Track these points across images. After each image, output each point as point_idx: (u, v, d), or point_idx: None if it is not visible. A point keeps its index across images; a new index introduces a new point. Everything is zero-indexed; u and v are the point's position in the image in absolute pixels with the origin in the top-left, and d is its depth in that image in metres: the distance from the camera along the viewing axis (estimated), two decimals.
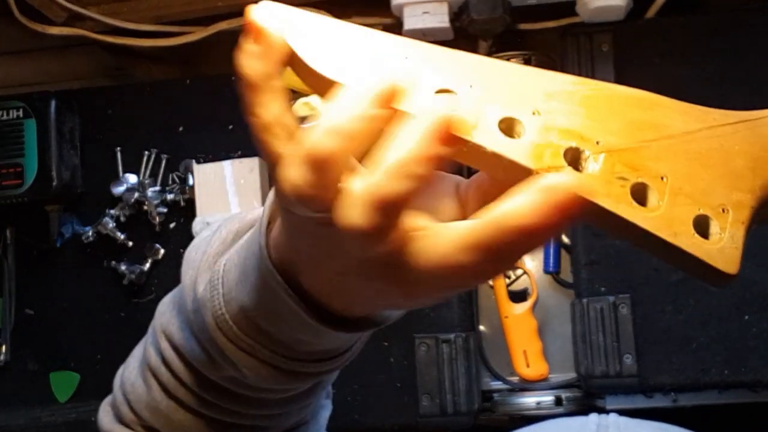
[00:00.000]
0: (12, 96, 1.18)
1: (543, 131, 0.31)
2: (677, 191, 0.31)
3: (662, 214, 0.30)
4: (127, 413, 0.54)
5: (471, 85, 0.32)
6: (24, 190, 1.15)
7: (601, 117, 0.32)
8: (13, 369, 1.20)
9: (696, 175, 0.32)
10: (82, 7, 1.16)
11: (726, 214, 0.32)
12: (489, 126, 0.31)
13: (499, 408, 1.11)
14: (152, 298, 1.18)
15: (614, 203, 0.30)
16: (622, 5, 1.06)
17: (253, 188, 1.13)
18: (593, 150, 0.31)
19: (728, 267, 0.31)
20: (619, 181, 0.30)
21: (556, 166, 0.30)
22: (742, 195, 0.32)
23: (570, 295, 1.10)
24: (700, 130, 0.34)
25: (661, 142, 0.32)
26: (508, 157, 0.30)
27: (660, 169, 0.31)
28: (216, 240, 0.46)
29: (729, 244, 0.31)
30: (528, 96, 0.32)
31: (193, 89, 1.22)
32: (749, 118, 0.35)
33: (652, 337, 1.04)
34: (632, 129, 0.32)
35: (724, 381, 1.02)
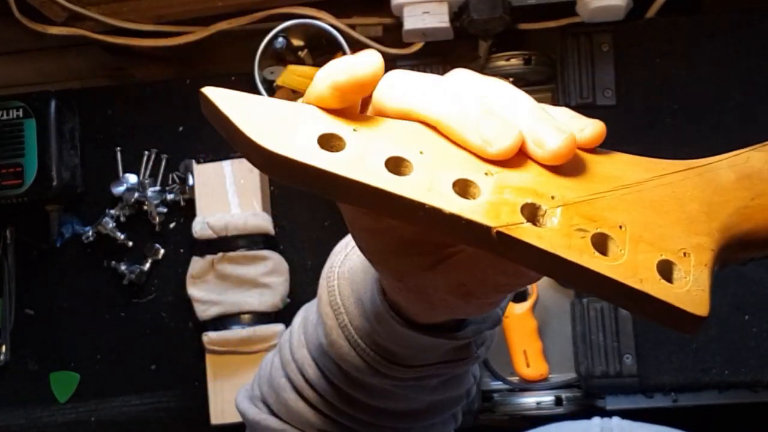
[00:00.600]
0: (12, 96, 1.18)
1: (497, 190, 0.31)
2: (637, 239, 0.31)
3: (626, 262, 0.30)
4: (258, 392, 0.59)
5: (421, 152, 0.32)
6: (24, 190, 1.15)
7: (552, 173, 0.33)
8: (13, 369, 1.20)
9: (653, 222, 0.32)
10: (82, 7, 1.16)
11: (688, 258, 0.32)
12: (443, 189, 0.31)
13: (499, 408, 1.11)
14: (152, 298, 1.18)
15: (577, 255, 0.30)
16: (622, 5, 1.06)
17: (253, 188, 1.13)
18: (549, 204, 0.31)
19: (697, 309, 0.30)
20: (579, 233, 0.31)
21: (515, 223, 0.30)
22: (700, 238, 0.32)
23: (570, 295, 1.10)
24: (651, 179, 0.34)
25: (614, 192, 0.33)
26: (466, 217, 0.30)
27: (617, 218, 0.32)
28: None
29: (695, 286, 0.31)
30: (479, 158, 0.33)
31: (193, 89, 1.22)
32: (697, 165, 0.35)
33: (652, 337, 1.04)
34: (584, 182, 0.33)
35: (724, 381, 1.02)
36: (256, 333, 1.09)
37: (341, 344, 0.48)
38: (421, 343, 0.44)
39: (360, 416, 0.53)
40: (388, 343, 0.46)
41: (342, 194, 0.31)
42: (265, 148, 0.31)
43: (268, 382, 0.57)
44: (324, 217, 1.16)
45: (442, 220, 0.31)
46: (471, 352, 0.48)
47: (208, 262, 1.12)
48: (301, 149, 0.31)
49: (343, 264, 0.50)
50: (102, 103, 1.23)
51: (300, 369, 0.54)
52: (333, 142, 0.32)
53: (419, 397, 0.53)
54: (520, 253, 0.30)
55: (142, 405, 1.16)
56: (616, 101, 1.10)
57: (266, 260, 1.12)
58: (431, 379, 0.50)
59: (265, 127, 0.32)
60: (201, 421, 1.12)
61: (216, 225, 1.10)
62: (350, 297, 0.48)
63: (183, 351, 1.16)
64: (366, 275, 0.46)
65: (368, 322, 0.46)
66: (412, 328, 0.43)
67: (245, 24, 1.19)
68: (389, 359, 0.47)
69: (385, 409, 0.53)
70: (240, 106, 0.33)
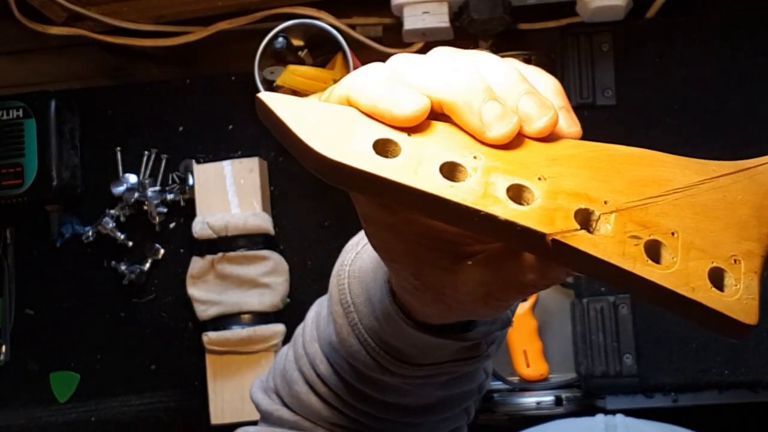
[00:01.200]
0: (12, 96, 1.18)
1: (551, 196, 0.32)
2: (689, 246, 0.31)
3: (678, 270, 0.30)
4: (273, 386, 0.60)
5: (475, 156, 0.33)
6: (24, 190, 1.15)
7: (605, 177, 0.33)
8: (13, 369, 1.20)
9: (704, 228, 0.32)
10: (82, 7, 1.16)
11: (738, 265, 0.32)
12: (498, 194, 0.31)
13: (499, 408, 1.11)
14: (152, 298, 1.18)
15: (631, 263, 0.30)
16: (622, 5, 1.06)
17: (253, 188, 1.13)
18: (602, 210, 0.32)
19: (747, 318, 0.30)
20: (632, 240, 0.31)
21: (569, 229, 0.31)
22: (750, 244, 0.32)
23: (570, 295, 1.10)
24: (702, 182, 0.34)
25: (666, 197, 0.33)
26: (521, 224, 0.31)
27: (669, 224, 0.32)
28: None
29: (745, 294, 0.31)
30: (531, 163, 0.33)
31: (193, 89, 1.22)
32: (747, 167, 0.35)
33: (652, 337, 1.04)
34: (636, 186, 0.33)
35: (724, 381, 1.02)
36: (256, 333, 1.08)
37: (351, 342, 0.48)
38: (431, 343, 0.44)
39: (371, 411, 0.53)
40: (397, 342, 0.46)
41: (397, 199, 0.32)
42: (322, 154, 0.31)
43: (281, 374, 0.57)
44: (324, 217, 1.16)
45: (496, 226, 0.31)
46: (481, 350, 0.48)
47: (208, 262, 1.12)
48: (357, 155, 0.31)
49: (353, 262, 0.50)
50: (102, 103, 1.23)
51: (312, 363, 0.54)
52: (388, 147, 0.33)
53: (430, 393, 0.53)
54: (573, 260, 0.31)
55: (142, 405, 1.16)
56: (616, 101, 1.10)
57: (266, 260, 1.12)
58: (441, 377, 0.50)
59: (322, 133, 0.32)
60: (201, 421, 1.12)
61: (216, 225, 1.10)
62: (360, 296, 0.48)
63: (183, 351, 1.16)
64: (376, 275, 0.46)
65: (377, 321, 0.46)
66: (421, 329, 0.43)
67: (245, 24, 1.19)
68: (399, 358, 0.47)
69: (396, 404, 0.53)
70: (296, 110, 0.33)
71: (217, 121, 1.19)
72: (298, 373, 0.55)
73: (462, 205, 0.31)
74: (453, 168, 0.32)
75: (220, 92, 1.20)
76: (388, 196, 0.32)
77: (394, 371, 0.48)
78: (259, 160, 1.14)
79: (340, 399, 0.54)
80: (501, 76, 0.35)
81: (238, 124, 1.19)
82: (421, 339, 0.44)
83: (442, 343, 0.44)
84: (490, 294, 0.37)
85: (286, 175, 1.17)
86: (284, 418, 0.56)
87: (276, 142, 1.21)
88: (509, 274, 0.35)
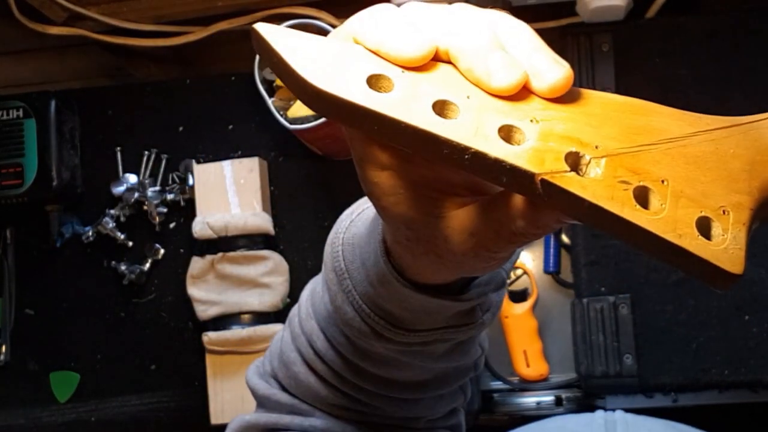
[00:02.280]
0: (12, 96, 1.18)
1: (542, 137, 0.32)
2: (678, 194, 0.31)
3: (666, 217, 0.30)
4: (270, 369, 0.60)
5: (468, 96, 0.33)
6: (24, 190, 1.15)
7: (599, 123, 0.33)
8: (13, 369, 1.20)
9: (695, 178, 0.32)
10: (82, 7, 1.16)
11: (727, 216, 0.32)
12: (489, 134, 0.31)
13: (499, 408, 1.11)
14: (152, 298, 1.18)
15: (619, 207, 0.30)
16: (622, 5, 1.06)
17: (253, 188, 1.13)
18: (593, 154, 0.32)
19: (733, 267, 0.31)
20: (621, 185, 0.31)
21: (559, 170, 0.31)
22: (740, 197, 0.33)
23: (570, 295, 1.10)
24: (695, 134, 0.34)
25: (658, 146, 0.33)
26: (510, 162, 0.31)
27: (660, 172, 0.32)
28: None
29: (732, 244, 0.31)
30: (525, 105, 0.33)
31: (193, 89, 1.22)
32: (741, 122, 0.35)
33: (652, 337, 1.04)
34: (629, 134, 0.33)
35: (724, 381, 1.02)
36: (256, 333, 1.08)
37: (346, 309, 0.48)
38: (425, 305, 0.44)
39: (369, 387, 0.53)
40: (392, 306, 0.46)
41: (387, 134, 0.32)
42: (314, 85, 0.32)
43: (278, 357, 0.57)
44: (324, 217, 1.16)
45: (486, 164, 0.31)
46: (476, 317, 0.48)
47: (208, 262, 1.12)
48: (350, 88, 0.32)
49: (348, 230, 0.50)
50: (102, 103, 1.23)
51: (309, 341, 0.54)
52: (382, 83, 0.33)
53: (426, 365, 0.52)
54: (562, 202, 0.31)
55: (142, 405, 1.16)
56: None
57: (266, 260, 1.12)
58: (437, 345, 0.49)
59: (316, 65, 0.32)
60: (201, 421, 1.12)
61: (216, 225, 1.10)
62: (354, 262, 0.48)
63: (183, 351, 1.16)
64: (370, 239, 0.46)
65: (372, 286, 0.46)
66: (415, 289, 0.43)
67: (245, 24, 1.19)
68: (393, 323, 0.47)
69: (392, 379, 0.53)
70: (291, 43, 0.34)
71: (217, 121, 1.19)
72: (295, 354, 0.55)
73: (452, 142, 0.31)
74: (445, 106, 0.33)
75: (220, 92, 1.20)
76: (380, 131, 0.32)
77: (389, 337, 0.47)
78: (259, 160, 1.14)
79: (338, 376, 0.53)
80: (514, 30, 0.35)
81: (238, 124, 1.19)
82: (416, 300, 0.44)
83: (436, 304, 0.44)
84: (480, 244, 0.37)
85: (286, 175, 1.17)
86: (282, 402, 0.56)
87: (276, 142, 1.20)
88: (499, 223, 0.35)
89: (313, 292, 0.56)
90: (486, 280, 0.47)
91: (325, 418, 0.55)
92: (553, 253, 1.12)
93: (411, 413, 0.56)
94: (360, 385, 0.53)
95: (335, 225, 0.52)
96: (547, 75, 0.33)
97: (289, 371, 0.55)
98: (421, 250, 0.39)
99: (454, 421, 0.62)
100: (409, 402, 0.55)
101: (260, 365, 0.60)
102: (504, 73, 0.33)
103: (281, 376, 0.57)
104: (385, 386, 0.53)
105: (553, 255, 1.12)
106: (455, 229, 0.37)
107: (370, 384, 0.53)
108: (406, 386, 0.54)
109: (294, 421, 0.55)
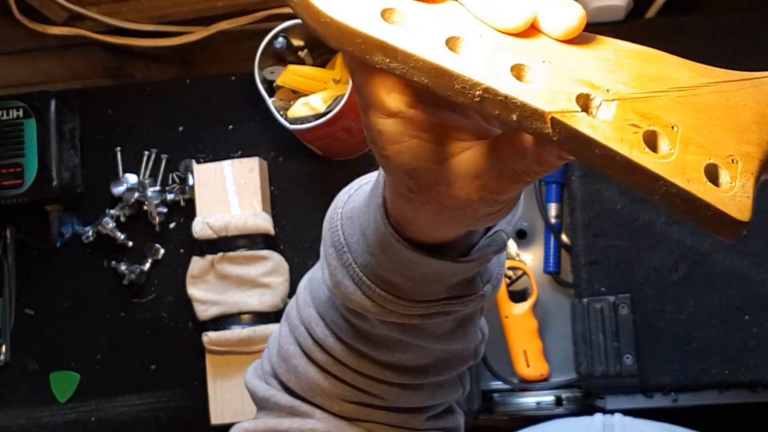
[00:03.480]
0: (12, 96, 1.18)
1: (554, 78, 0.32)
2: (687, 140, 0.31)
3: (674, 161, 0.30)
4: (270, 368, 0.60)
5: (481, 34, 0.33)
6: (24, 190, 1.15)
7: (611, 68, 0.33)
8: (13, 369, 1.20)
9: (705, 126, 0.32)
10: (82, 7, 1.16)
11: (735, 165, 0.32)
12: (500, 71, 0.32)
13: (499, 408, 1.11)
14: (152, 298, 1.18)
15: (628, 149, 0.30)
16: (622, 5, 1.06)
17: (253, 188, 1.13)
18: (604, 97, 0.32)
19: (740, 214, 0.30)
20: (631, 128, 0.31)
21: (569, 110, 0.31)
22: (749, 147, 0.33)
23: (570, 295, 1.10)
24: (707, 84, 0.34)
25: (669, 93, 0.33)
26: (520, 100, 0.31)
27: (670, 118, 0.32)
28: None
29: (740, 192, 0.31)
30: (538, 47, 0.33)
31: (193, 89, 1.22)
32: (753, 77, 0.36)
33: (652, 337, 1.04)
34: (641, 80, 0.33)
35: (724, 381, 1.02)
36: (256, 333, 1.09)
37: (346, 284, 0.48)
38: (426, 270, 0.44)
39: (369, 373, 0.53)
40: (393, 276, 0.46)
41: (398, 67, 0.32)
42: (328, 15, 0.32)
43: (277, 353, 0.57)
44: (324, 217, 1.15)
45: (496, 101, 0.31)
46: (477, 287, 0.48)
47: (208, 262, 1.12)
48: (364, 19, 0.32)
49: (346, 204, 0.50)
50: (102, 103, 1.23)
51: (308, 329, 0.54)
52: (395, 16, 0.33)
53: (426, 347, 0.52)
54: (571, 142, 0.31)
55: (142, 405, 1.16)
56: None
57: (266, 260, 1.12)
58: (438, 318, 0.49)
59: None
60: (201, 421, 1.12)
61: (216, 225, 1.10)
62: (354, 235, 0.48)
63: (183, 351, 1.16)
64: (369, 207, 0.46)
65: (372, 255, 0.46)
66: (416, 249, 0.43)
67: (245, 24, 1.19)
68: (394, 294, 0.46)
69: (392, 363, 0.53)
70: None
71: (218, 121, 1.19)
72: (294, 346, 0.55)
73: (463, 77, 0.31)
74: (458, 43, 0.33)
75: (220, 92, 1.20)
76: (392, 64, 0.32)
77: (390, 309, 0.47)
78: (259, 160, 1.15)
79: (337, 364, 0.53)
80: None
81: (239, 124, 1.19)
82: (417, 264, 0.43)
83: (438, 267, 0.44)
84: (484, 186, 0.37)
85: (286, 175, 1.17)
86: (281, 403, 0.56)
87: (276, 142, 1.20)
88: (502, 162, 0.35)
89: (311, 280, 0.56)
90: (486, 243, 0.47)
91: (324, 419, 0.55)
92: (553, 253, 1.12)
93: (412, 403, 0.56)
94: (360, 371, 0.53)
95: (333, 203, 0.52)
96: (560, 17, 0.34)
97: (289, 365, 0.55)
98: (423, 199, 0.39)
99: (453, 424, 0.61)
100: (410, 388, 0.55)
101: (258, 366, 0.60)
102: (509, 11, 0.33)
103: (280, 371, 0.56)
104: (384, 371, 0.53)
105: (553, 255, 1.12)
106: (459, 173, 0.37)
107: (370, 369, 0.53)
108: (407, 371, 0.54)
109: (293, 425, 0.55)
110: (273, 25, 1.10)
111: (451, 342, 0.53)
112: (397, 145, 0.37)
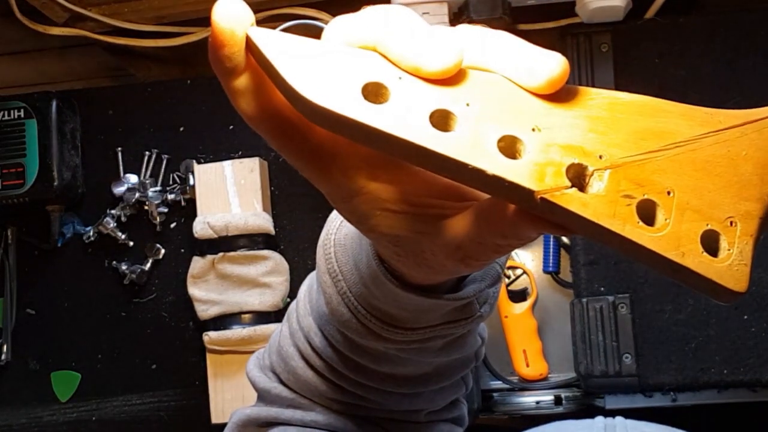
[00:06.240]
0: (13, 96, 1.18)
1: (544, 148, 0.31)
2: (684, 206, 0.31)
3: (669, 233, 0.30)
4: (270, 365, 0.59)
5: (468, 103, 0.31)
6: (25, 190, 1.15)
7: (604, 129, 0.32)
8: (14, 369, 1.20)
9: (703, 186, 0.31)
10: (83, 7, 1.16)
11: (734, 228, 0.31)
12: (488, 147, 0.30)
13: (499, 407, 1.11)
14: (153, 298, 1.19)
15: (620, 225, 0.29)
16: (621, 5, 1.06)
17: (253, 188, 1.13)
18: (596, 165, 0.31)
19: (737, 285, 0.30)
20: (624, 200, 0.30)
21: (559, 187, 0.30)
22: (749, 204, 0.32)
23: (570, 295, 1.10)
24: (706, 135, 0.33)
25: (666, 152, 0.32)
26: (509, 180, 0.30)
27: (666, 182, 0.31)
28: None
29: (738, 260, 0.30)
30: (527, 111, 0.32)
31: (194, 89, 1.22)
32: (756, 118, 0.34)
33: (651, 336, 1.04)
34: (636, 139, 0.32)
35: (723, 380, 1.03)
36: (256, 332, 1.09)
37: (342, 312, 0.48)
38: (421, 304, 0.44)
39: (368, 383, 0.53)
40: (387, 306, 0.45)
41: (384, 148, 0.31)
42: (308, 99, 0.30)
43: (277, 351, 0.57)
44: (324, 217, 1.15)
45: (484, 180, 0.30)
46: (473, 310, 0.47)
47: (208, 262, 1.12)
48: (343, 101, 0.30)
49: (339, 230, 0.49)
50: (103, 104, 1.23)
51: (306, 337, 0.54)
52: (378, 91, 0.32)
53: (425, 360, 0.52)
54: (563, 218, 0.30)
55: (143, 404, 1.17)
56: None
57: (266, 260, 1.12)
58: (436, 341, 0.49)
59: (309, 75, 0.31)
60: (201, 420, 1.12)
61: (216, 225, 1.10)
62: (347, 264, 0.47)
63: (184, 351, 1.17)
64: (361, 240, 0.46)
65: (366, 287, 0.45)
66: (409, 290, 0.43)
67: None
68: (390, 323, 0.46)
69: (392, 374, 0.53)
70: (283, 49, 0.32)
71: (218, 121, 1.19)
72: (293, 349, 0.55)
73: (450, 158, 0.30)
74: (444, 116, 0.31)
75: (220, 92, 1.19)
76: (377, 145, 0.31)
77: (386, 337, 0.47)
78: (260, 160, 1.15)
79: (336, 372, 0.53)
80: (496, 34, 0.33)
81: (239, 124, 1.19)
82: (411, 300, 0.43)
83: (432, 304, 0.44)
84: (468, 256, 0.37)
85: (286, 175, 1.18)
86: (282, 396, 0.56)
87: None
88: (483, 237, 0.35)
89: (311, 289, 0.56)
90: (481, 275, 0.47)
91: (325, 413, 0.55)
92: (553, 252, 1.12)
93: (412, 406, 0.56)
94: (358, 380, 0.53)
95: (325, 225, 0.51)
96: (541, 69, 0.32)
97: (287, 365, 0.55)
98: (411, 262, 0.39)
99: (457, 413, 0.61)
100: (410, 396, 0.55)
101: (260, 357, 0.60)
102: (435, 53, 0.31)
103: (280, 370, 0.56)
104: (384, 381, 0.53)
105: (552, 255, 1.12)
106: (442, 243, 0.37)
107: (368, 379, 0.53)
108: (407, 380, 0.54)
109: (295, 416, 0.55)
110: (273, 25, 1.10)
111: (449, 354, 0.53)
112: (372, 219, 0.37)
